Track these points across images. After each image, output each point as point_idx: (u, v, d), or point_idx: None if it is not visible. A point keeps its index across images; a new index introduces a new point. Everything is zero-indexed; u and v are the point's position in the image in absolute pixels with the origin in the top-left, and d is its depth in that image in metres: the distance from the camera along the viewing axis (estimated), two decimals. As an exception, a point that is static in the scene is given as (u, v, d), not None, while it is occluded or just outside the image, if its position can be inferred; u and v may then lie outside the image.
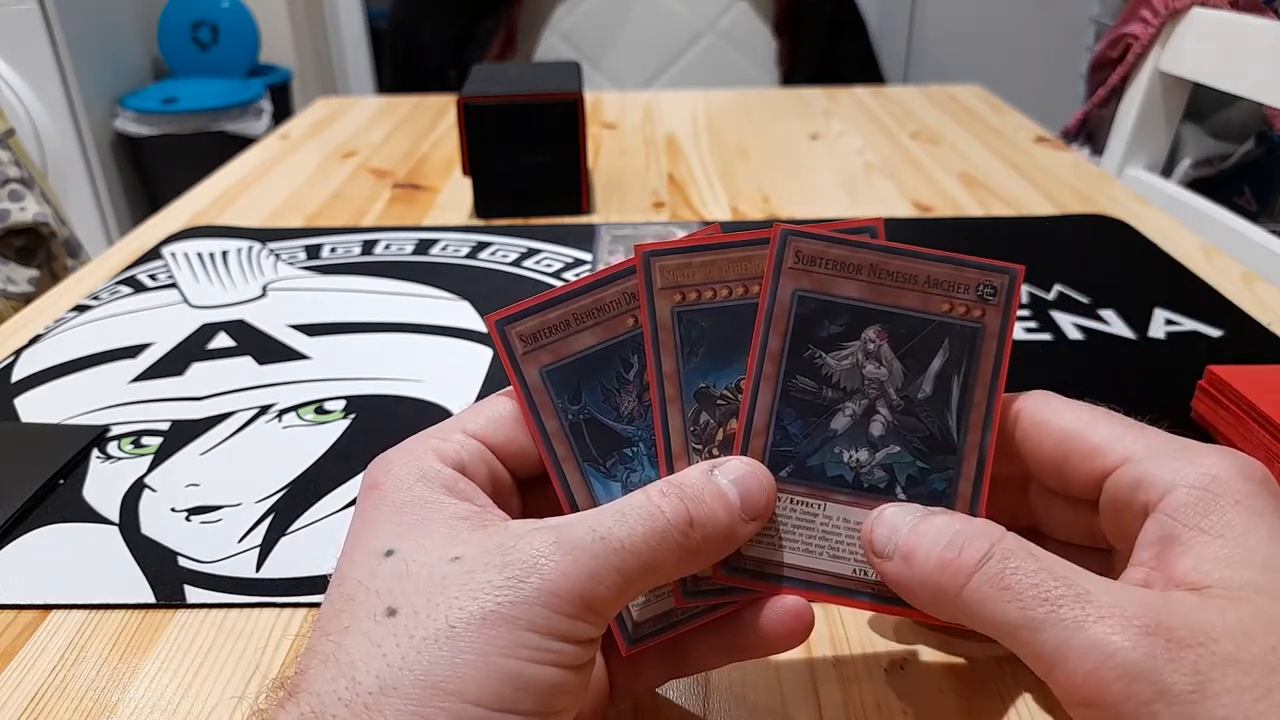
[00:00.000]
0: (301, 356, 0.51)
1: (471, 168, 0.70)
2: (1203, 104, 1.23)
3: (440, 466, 0.25)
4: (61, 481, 0.41)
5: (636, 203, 0.75)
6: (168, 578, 0.35)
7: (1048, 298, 0.56)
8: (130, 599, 0.34)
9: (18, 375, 0.50)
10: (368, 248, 0.65)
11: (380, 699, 0.20)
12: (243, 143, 1.77)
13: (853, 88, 1.11)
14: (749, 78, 1.92)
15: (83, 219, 1.83)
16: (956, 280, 0.26)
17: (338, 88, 2.47)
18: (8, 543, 0.37)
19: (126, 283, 0.60)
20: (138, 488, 0.40)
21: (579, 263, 0.63)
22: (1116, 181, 0.79)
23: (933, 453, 0.26)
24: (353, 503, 0.39)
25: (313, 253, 0.65)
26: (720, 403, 0.26)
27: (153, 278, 0.61)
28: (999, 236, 0.67)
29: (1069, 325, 0.53)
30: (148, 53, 2.12)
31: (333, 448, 0.43)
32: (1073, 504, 0.27)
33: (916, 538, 0.24)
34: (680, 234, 0.65)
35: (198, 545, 0.37)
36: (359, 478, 0.38)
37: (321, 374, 0.49)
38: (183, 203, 0.76)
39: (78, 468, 0.42)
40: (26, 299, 1.05)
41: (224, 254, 0.64)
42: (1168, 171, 1.07)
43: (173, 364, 0.50)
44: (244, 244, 0.66)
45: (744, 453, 0.26)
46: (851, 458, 0.26)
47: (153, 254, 0.65)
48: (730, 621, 0.26)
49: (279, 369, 0.50)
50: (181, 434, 0.44)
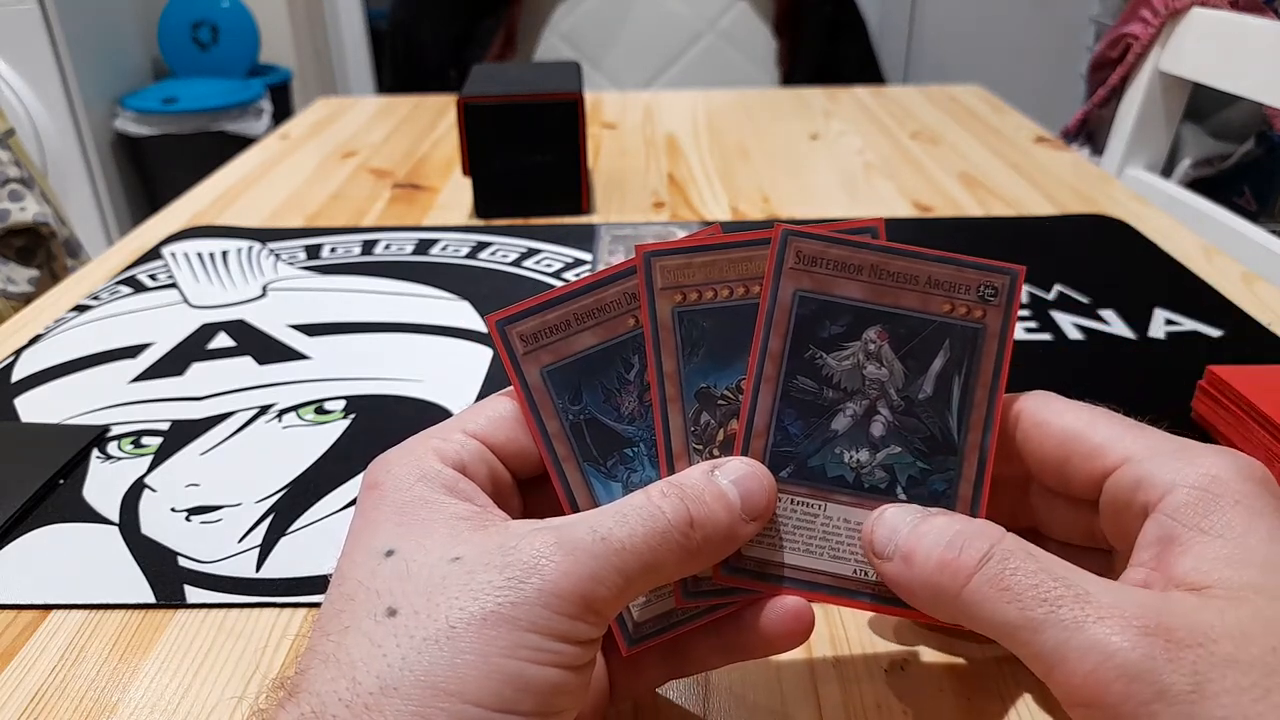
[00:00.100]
0: (301, 356, 0.51)
1: (471, 168, 0.70)
2: (1203, 104, 1.23)
3: (440, 466, 0.25)
4: (61, 481, 0.41)
5: (636, 203, 0.75)
6: (168, 578, 0.35)
7: (1048, 298, 0.56)
8: (130, 599, 0.34)
9: (18, 375, 0.50)
10: (368, 248, 0.65)
11: (381, 699, 0.20)
12: (243, 143, 1.77)
13: (853, 88, 1.11)
14: (749, 78, 1.92)
15: (83, 219, 1.83)
16: (957, 281, 0.26)
17: (338, 88, 2.47)
18: (8, 543, 0.37)
19: (126, 283, 0.60)
20: (138, 488, 0.40)
21: (579, 263, 0.63)
22: (1116, 181, 0.79)
23: (933, 453, 0.26)
24: (353, 503, 0.39)
25: (313, 253, 0.65)
26: (721, 403, 0.26)
27: (153, 278, 0.61)
28: (999, 236, 0.67)
29: (1069, 325, 0.53)
30: (148, 53, 2.12)
31: (333, 448, 0.43)
32: (1073, 504, 0.27)
33: (917, 539, 0.24)
34: (680, 234, 0.65)
35: (198, 545, 0.37)
36: (359, 478, 0.38)
37: (321, 374, 0.49)
38: (183, 203, 0.76)
39: (78, 468, 0.42)
40: (26, 299, 1.05)
41: (224, 254, 0.64)
42: (1168, 171, 1.07)
43: (173, 364, 0.50)
44: (244, 244, 0.66)
45: (745, 453, 0.26)
46: (852, 458, 0.26)
47: (153, 254, 0.65)
48: (730, 622, 0.26)
49: (279, 369, 0.50)
50: (181, 434, 0.44)
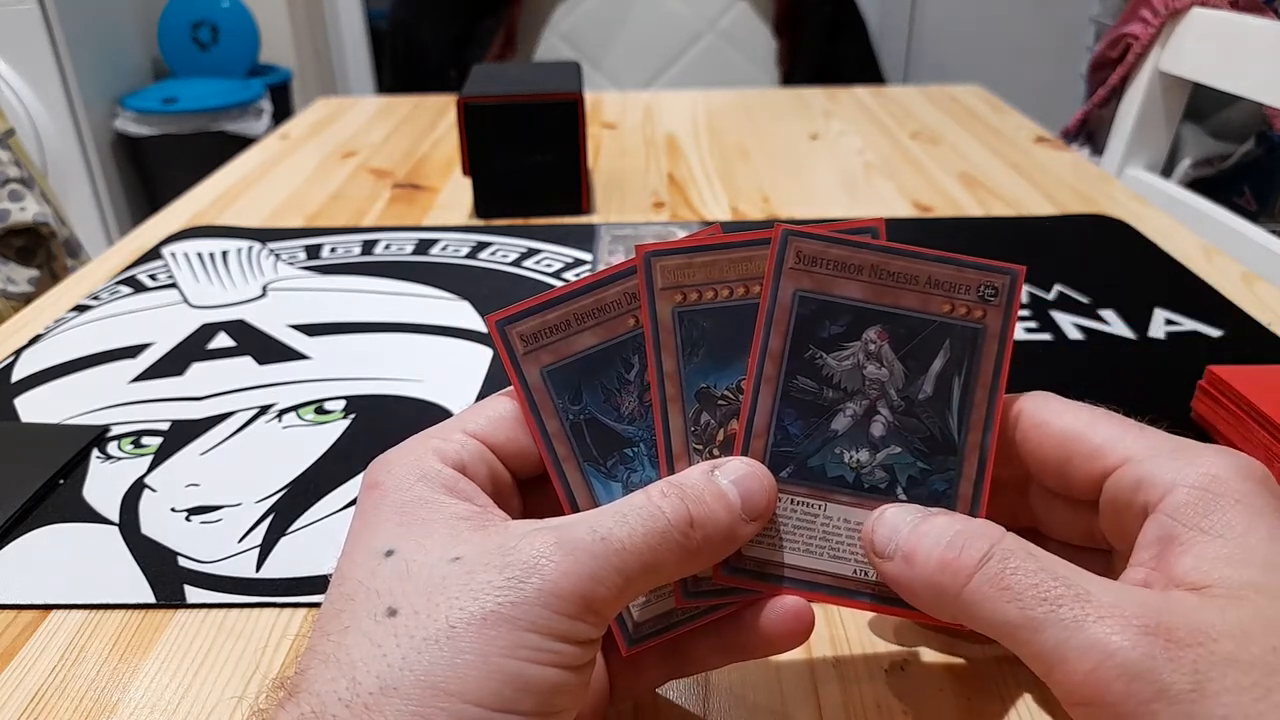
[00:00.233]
0: (301, 356, 0.51)
1: (471, 168, 0.70)
2: (1203, 104, 1.23)
3: (440, 466, 0.25)
4: (61, 481, 0.41)
5: (636, 203, 0.75)
6: (168, 578, 0.35)
7: (1048, 298, 0.56)
8: (130, 599, 0.34)
9: (18, 375, 0.50)
10: (368, 248, 0.65)
11: (381, 699, 0.20)
12: (243, 143, 1.77)
13: (853, 88, 1.11)
14: (749, 78, 1.92)
15: (83, 219, 1.83)
16: (957, 281, 0.26)
17: (338, 88, 2.47)
18: (8, 543, 0.37)
19: (126, 283, 0.60)
20: (138, 488, 0.40)
21: (579, 263, 0.63)
22: (1116, 181, 0.79)
23: (933, 453, 0.26)
24: (353, 503, 0.39)
25: (313, 253, 0.65)
26: (721, 403, 0.26)
27: (153, 278, 0.61)
28: (999, 236, 0.67)
29: (1069, 325, 0.53)
30: (148, 53, 2.12)
31: (333, 448, 0.43)
32: (1073, 505, 0.27)
33: (917, 538, 0.24)
34: (680, 234, 0.65)
35: (198, 545, 0.37)
36: (359, 478, 0.38)
37: (321, 374, 0.49)
38: (183, 203, 0.76)
39: (78, 468, 0.42)
40: (26, 299, 1.05)
41: (224, 254, 0.64)
42: (1168, 171, 1.07)
43: (173, 364, 0.50)
44: (244, 244, 0.66)
45: (745, 453, 0.26)
46: (852, 458, 0.26)
47: (153, 254, 0.65)
48: (730, 622, 0.26)
49: (279, 369, 0.50)
50: (181, 434, 0.44)
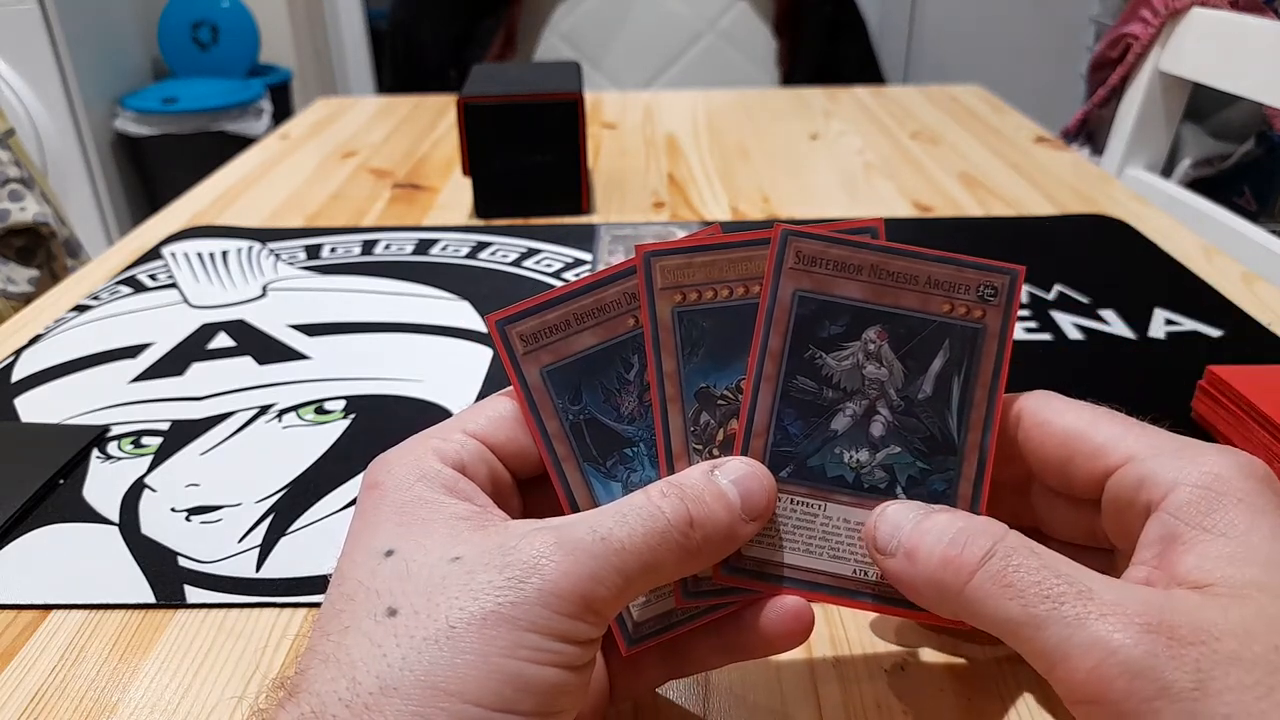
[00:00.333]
0: (301, 356, 0.51)
1: (471, 168, 0.70)
2: (1203, 104, 1.23)
3: (440, 466, 0.25)
4: (61, 481, 0.41)
5: (636, 203, 0.75)
6: (168, 578, 0.35)
7: (1048, 298, 0.56)
8: (130, 599, 0.34)
9: (18, 375, 0.50)
10: (368, 248, 0.65)
11: (381, 699, 0.20)
12: (243, 143, 1.77)
13: (853, 88, 1.11)
14: (749, 78, 1.92)
15: (83, 219, 1.83)
16: (957, 281, 0.26)
17: (338, 88, 2.47)
18: (8, 543, 0.37)
19: (126, 283, 0.60)
20: (138, 488, 0.40)
21: (579, 263, 0.63)
22: (1116, 181, 0.79)
23: (933, 453, 0.26)
24: (353, 503, 0.39)
25: (313, 253, 0.65)
26: (721, 403, 0.26)
27: (153, 278, 0.61)
28: (999, 236, 0.67)
29: (1069, 325, 0.53)
30: (148, 53, 2.12)
31: (333, 448, 0.43)
32: (1074, 504, 0.27)
33: (920, 535, 0.24)
34: (680, 234, 0.65)
35: (198, 545, 0.37)
36: (359, 478, 0.38)
37: (321, 374, 0.49)
38: (183, 203, 0.76)
39: (78, 468, 0.42)
40: (26, 299, 1.05)
41: (224, 254, 0.64)
42: (1168, 171, 1.07)
43: (173, 364, 0.50)
44: (244, 244, 0.66)
45: (744, 453, 0.26)
46: (852, 458, 0.26)
47: (153, 254, 0.65)
48: (730, 622, 0.26)
49: (279, 369, 0.50)
50: (181, 434, 0.44)
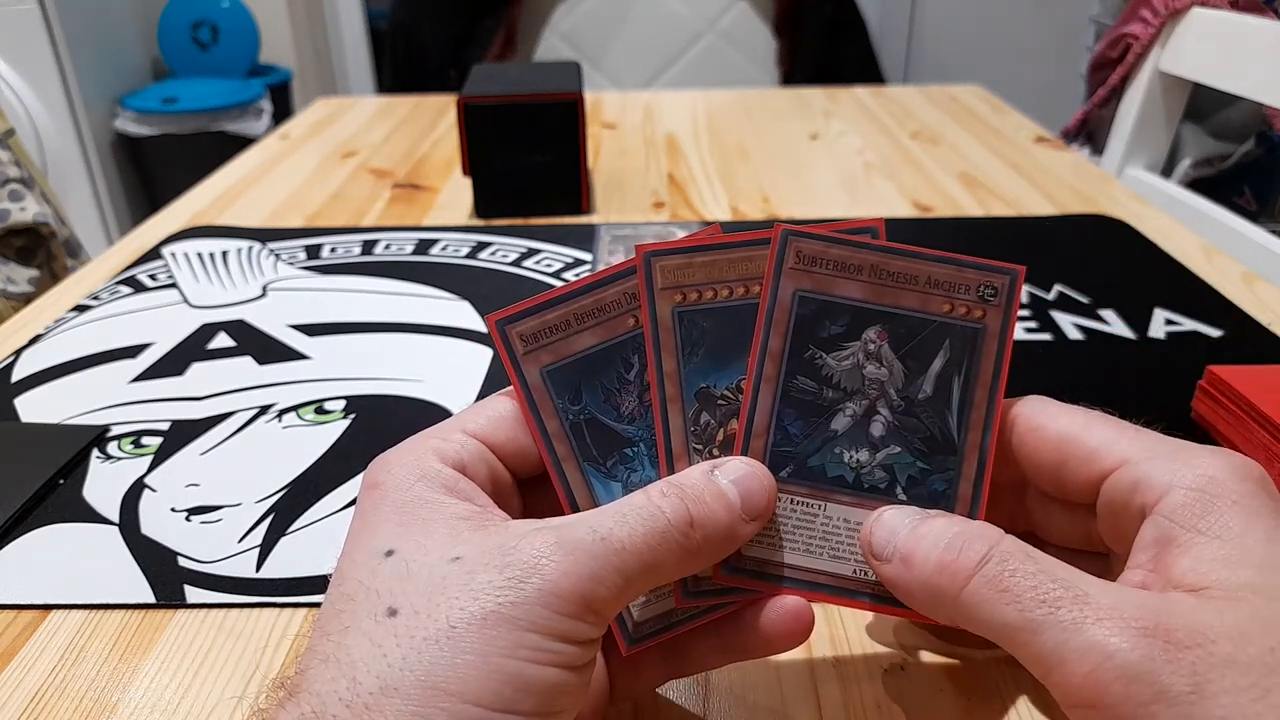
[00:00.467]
0: (301, 356, 0.51)
1: (471, 168, 0.70)
2: (1203, 104, 1.23)
3: (440, 466, 0.25)
4: (61, 481, 0.41)
5: (636, 203, 0.75)
6: (168, 578, 0.35)
7: (1048, 298, 0.56)
8: (130, 599, 0.34)
9: (18, 375, 0.50)
10: (368, 248, 0.65)
11: (381, 699, 0.20)
12: (243, 143, 1.77)
13: (853, 88, 1.11)
14: (749, 78, 1.92)
15: (83, 219, 1.83)
16: (957, 281, 0.26)
17: (338, 88, 2.47)
18: (8, 543, 0.37)
19: (126, 283, 0.60)
20: (138, 488, 0.40)
21: (579, 263, 0.63)
22: (1116, 181, 0.79)
23: (933, 453, 0.26)
24: (353, 503, 0.39)
25: (313, 253, 0.65)
26: (721, 403, 0.26)
27: (153, 278, 0.61)
28: (999, 236, 0.67)
29: (1069, 325, 0.53)
30: (148, 53, 2.12)
31: (333, 448, 0.43)
32: (1069, 508, 0.27)
33: (915, 540, 0.24)
34: (680, 234, 0.65)
35: (198, 545, 0.37)
36: (359, 478, 0.38)
37: (321, 374, 0.49)
38: (183, 203, 0.76)
39: (78, 468, 0.42)
40: (26, 299, 1.05)
41: (224, 254, 0.64)
42: (1168, 171, 1.07)
43: (173, 364, 0.50)
44: (244, 244, 0.66)
45: (744, 453, 0.26)
46: (852, 458, 0.26)
47: (153, 254, 0.65)
48: (730, 621, 0.26)
49: (279, 369, 0.50)
50: (181, 434, 0.44)
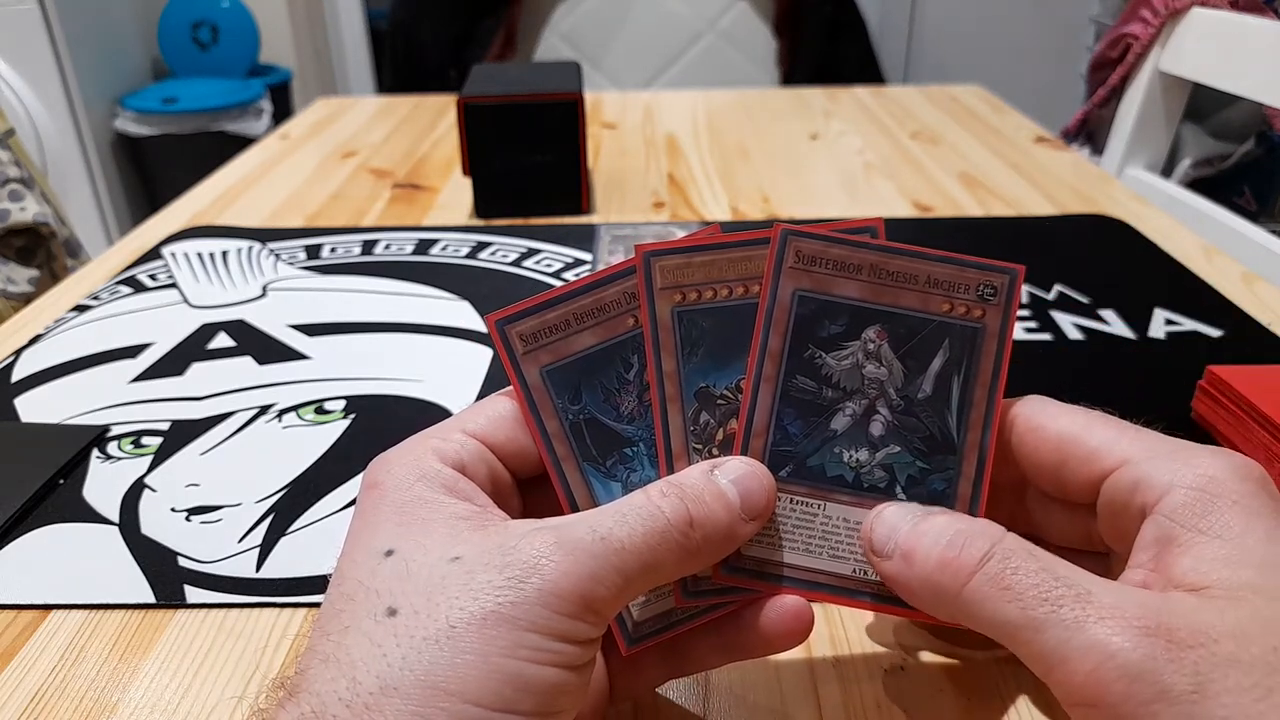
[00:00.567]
0: (301, 356, 0.51)
1: (471, 168, 0.70)
2: (1203, 104, 1.23)
3: (440, 466, 0.25)
4: (61, 481, 0.41)
5: (636, 203, 0.75)
6: (168, 578, 0.35)
7: (1048, 298, 0.56)
8: (130, 599, 0.34)
9: (18, 375, 0.50)
10: (368, 248, 0.65)
11: (381, 699, 0.20)
12: (243, 143, 1.77)
13: (853, 88, 1.11)
14: (749, 78, 1.92)
15: (83, 219, 1.83)
16: (957, 280, 0.26)
17: (338, 88, 2.47)
18: (8, 543, 0.37)
19: (126, 283, 0.60)
20: (138, 488, 0.40)
21: (579, 263, 0.63)
22: (1116, 181, 0.79)
23: (933, 453, 0.26)
24: (353, 503, 0.39)
25: (313, 253, 0.65)
26: (720, 402, 0.26)
27: (153, 278, 0.61)
28: (999, 236, 0.67)
29: (1069, 325, 0.53)
30: (148, 53, 2.12)
31: (333, 448, 0.43)
32: (1069, 508, 0.27)
33: (917, 537, 0.24)
34: (680, 234, 0.65)
35: (198, 545, 0.37)
36: (359, 478, 0.38)
37: (321, 374, 0.49)
38: (183, 203, 0.76)
39: (78, 468, 0.42)
40: (26, 299, 1.05)
41: (224, 254, 0.64)
42: (1168, 171, 1.07)
43: (173, 364, 0.50)
44: (244, 244, 0.66)
45: (744, 452, 0.26)
46: (851, 458, 0.26)
47: (153, 254, 0.65)
48: (730, 621, 0.26)
49: (279, 369, 0.50)
50: (181, 434, 0.44)
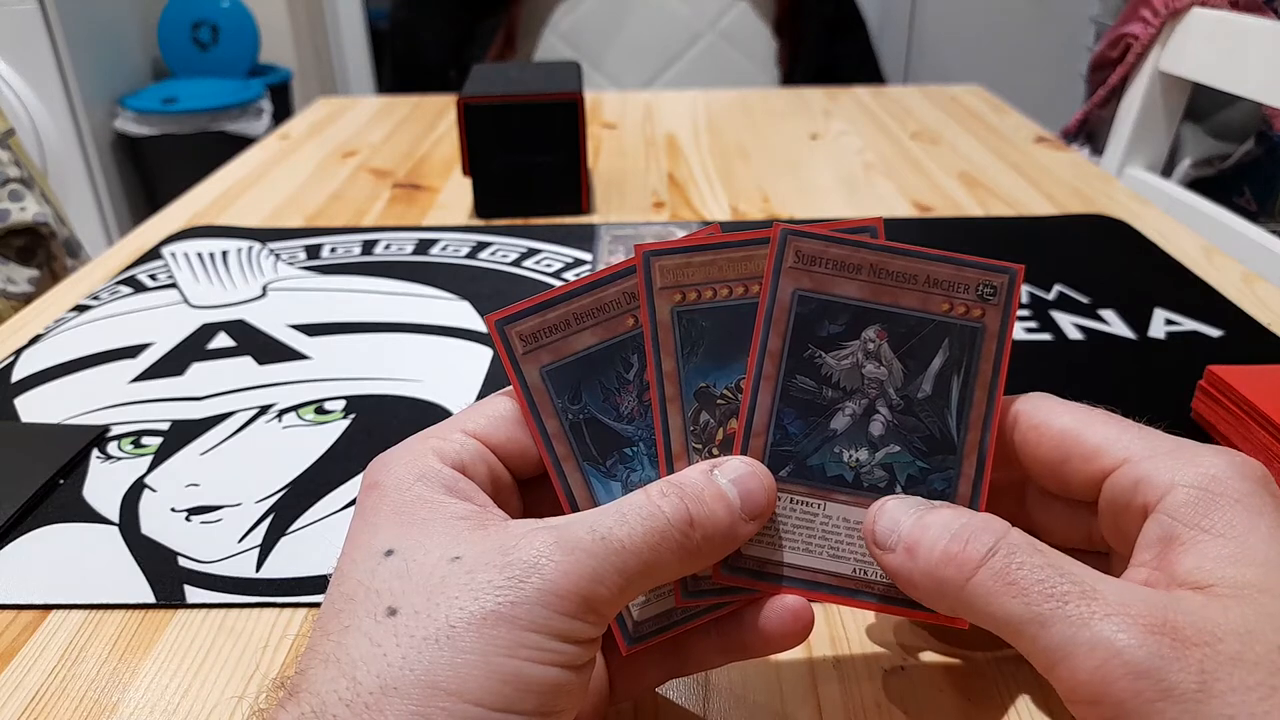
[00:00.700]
0: (301, 356, 0.51)
1: (471, 168, 0.70)
2: (1203, 104, 1.23)
3: (440, 466, 0.25)
4: (61, 481, 0.41)
5: (636, 203, 0.75)
6: (168, 578, 0.35)
7: (1048, 298, 0.56)
8: (130, 599, 0.34)
9: (18, 375, 0.50)
10: (368, 248, 0.65)
11: (381, 699, 0.20)
12: (243, 143, 1.77)
13: (853, 88, 1.11)
14: (749, 78, 1.92)
15: (83, 219, 1.83)
16: (956, 280, 0.26)
17: (338, 88, 2.47)
18: (8, 543, 0.37)
19: (126, 283, 0.60)
20: (138, 488, 0.40)
21: (579, 263, 0.63)
22: (1116, 181, 0.79)
23: (933, 452, 0.26)
24: (353, 503, 0.39)
25: (313, 253, 0.65)
26: (720, 402, 0.26)
27: (153, 278, 0.61)
28: (999, 236, 0.67)
29: (1069, 325, 0.53)
30: (148, 53, 2.12)
31: (333, 448, 0.43)
32: (1070, 506, 0.27)
33: (921, 530, 0.24)
34: (680, 234, 0.65)
35: (198, 545, 0.37)
36: (359, 478, 0.38)
37: (321, 374, 0.49)
38: (183, 203, 0.76)
39: (78, 468, 0.42)
40: (26, 299, 1.05)
41: (224, 254, 0.64)
42: (1168, 171, 1.07)
43: (173, 364, 0.50)
44: (244, 244, 0.66)
45: (744, 452, 0.26)
46: (851, 457, 0.26)
47: (153, 254, 0.65)
48: (730, 621, 0.26)
49: (279, 369, 0.50)
50: (181, 434, 0.44)
